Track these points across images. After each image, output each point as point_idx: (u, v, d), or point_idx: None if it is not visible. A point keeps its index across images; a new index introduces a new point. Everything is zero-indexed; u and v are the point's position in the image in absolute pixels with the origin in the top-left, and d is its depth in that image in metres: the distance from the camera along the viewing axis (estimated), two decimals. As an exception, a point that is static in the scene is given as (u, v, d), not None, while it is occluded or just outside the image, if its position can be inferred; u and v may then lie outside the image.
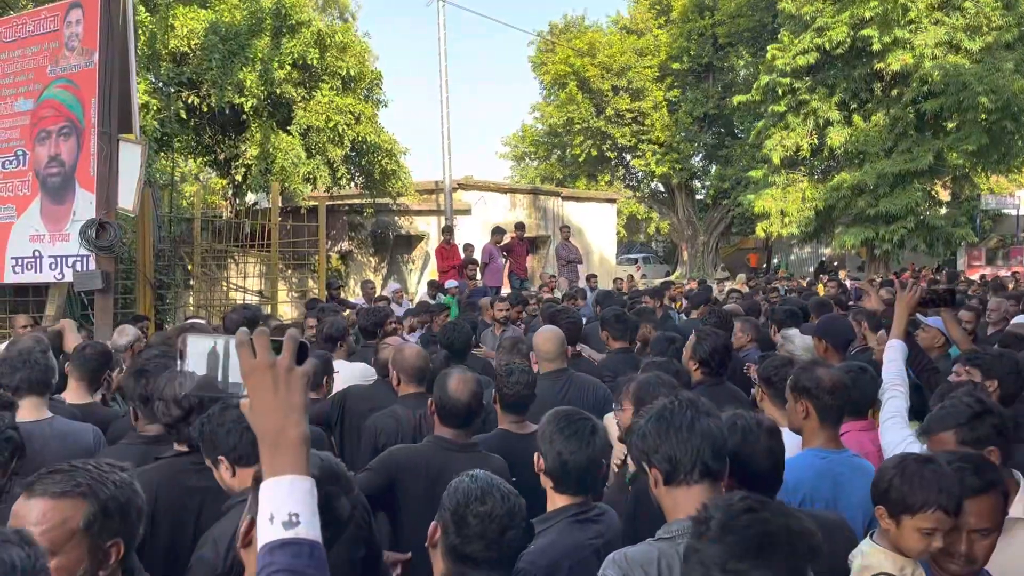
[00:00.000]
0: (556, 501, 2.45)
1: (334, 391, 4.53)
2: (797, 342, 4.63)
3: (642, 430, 2.08)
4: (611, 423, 3.34)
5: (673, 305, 10.82)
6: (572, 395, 4.08)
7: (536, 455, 2.48)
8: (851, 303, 7.21)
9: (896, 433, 3.01)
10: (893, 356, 3.34)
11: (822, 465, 2.82)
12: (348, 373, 4.90)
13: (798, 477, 2.73)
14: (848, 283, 15.46)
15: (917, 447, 2.89)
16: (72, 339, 4.99)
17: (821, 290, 13.11)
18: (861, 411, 3.41)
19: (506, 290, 13.25)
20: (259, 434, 1.24)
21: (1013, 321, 5.97)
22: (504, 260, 13.98)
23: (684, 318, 9.15)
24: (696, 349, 4.05)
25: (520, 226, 14.50)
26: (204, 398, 2.48)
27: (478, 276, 12.89)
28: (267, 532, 1.22)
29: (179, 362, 1.35)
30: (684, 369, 3.87)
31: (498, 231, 13.80)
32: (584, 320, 7.86)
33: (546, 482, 2.46)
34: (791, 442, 3.05)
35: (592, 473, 2.46)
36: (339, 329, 5.43)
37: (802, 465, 2.80)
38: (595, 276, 14.60)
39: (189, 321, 6.59)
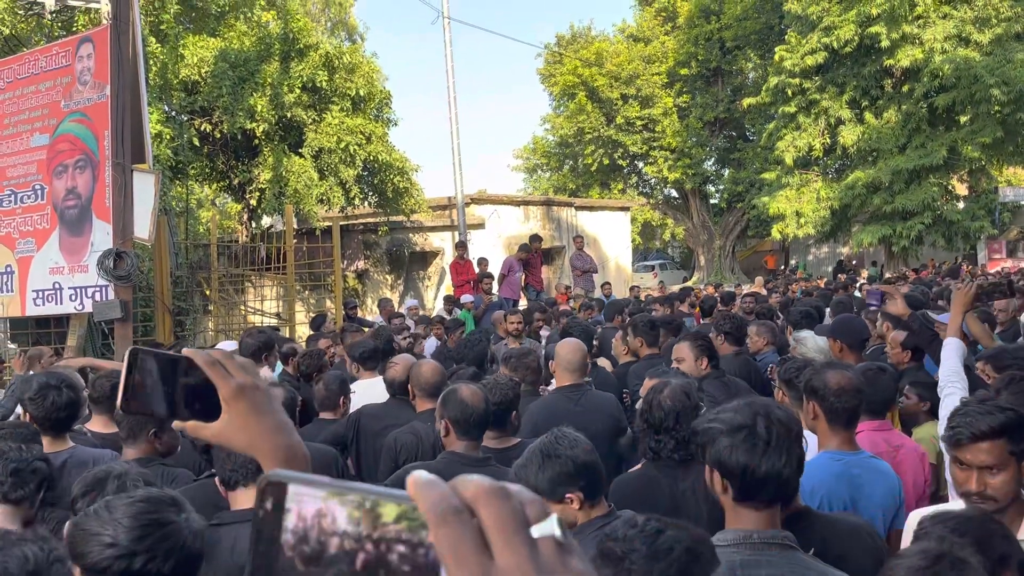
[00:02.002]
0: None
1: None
2: (810, 344, 4.61)
3: None
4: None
5: (692, 312, 10.77)
6: (587, 408, 4.07)
7: (567, 498, 2.46)
8: (872, 305, 7.15)
9: None
10: (950, 354, 3.31)
11: (838, 467, 2.80)
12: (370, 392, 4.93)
13: (815, 480, 2.72)
14: (868, 284, 15.29)
15: None
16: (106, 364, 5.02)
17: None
18: (877, 411, 3.37)
19: (523, 303, 13.25)
20: (266, 453, 1.15)
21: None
22: (521, 274, 14.00)
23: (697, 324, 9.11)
24: (699, 348, 4.23)
25: (536, 238, 14.53)
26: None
27: (494, 289, 12.88)
28: None
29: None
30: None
31: (524, 247, 13.75)
32: (599, 329, 7.86)
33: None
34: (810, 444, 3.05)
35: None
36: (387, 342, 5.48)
37: (818, 468, 2.78)
38: (609, 284, 14.58)
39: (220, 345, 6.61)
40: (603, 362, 5.93)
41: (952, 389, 3.15)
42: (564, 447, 2.37)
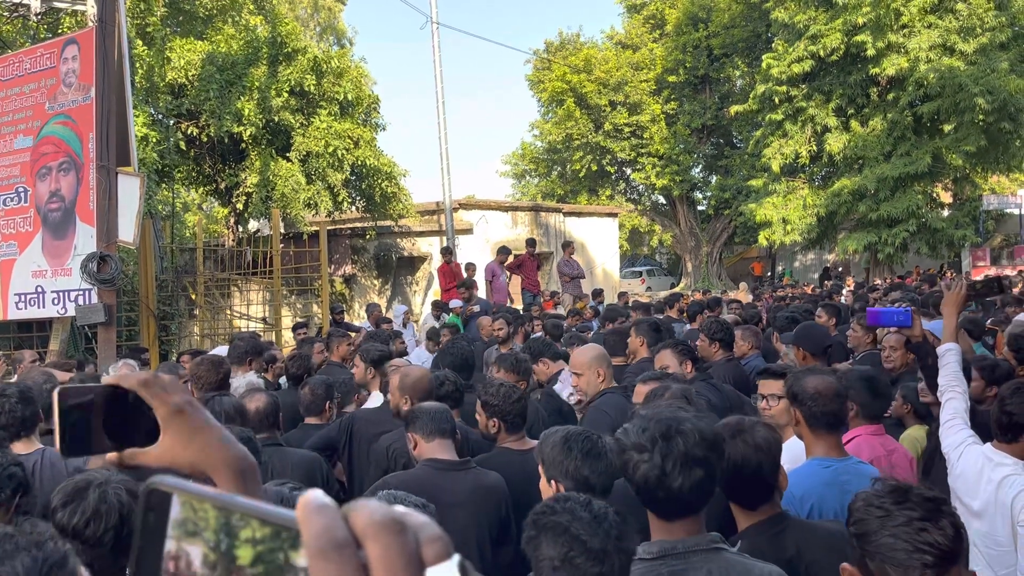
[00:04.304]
0: None
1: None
2: (800, 349, 4.65)
3: None
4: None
5: (682, 317, 10.79)
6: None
7: (552, 481, 2.45)
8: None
9: (956, 435, 3.00)
10: (949, 359, 3.28)
11: (827, 474, 2.79)
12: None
13: (805, 487, 2.73)
14: (846, 292, 15.35)
15: (977, 448, 2.88)
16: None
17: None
18: (874, 415, 3.41)
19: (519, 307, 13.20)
20: (218, 467, 1.09)
21: (1016, 319, 5.95)
22: (507, 277, 13.99)
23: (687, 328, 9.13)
24: (681, 352, 4.24)
25: (531, 242, 14.58)
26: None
27: (477, 295, 12.80)
28: None
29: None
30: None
31: (503, 250, 13.77)
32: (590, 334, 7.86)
33: None
34: (795, 452, 3.05)
35: (607, 493, 2.46)
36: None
37: (807, 475, 2.79)
38: (602, 290, 14.59)
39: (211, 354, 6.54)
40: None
41: (953, 394, 3.14)
42: (580, 449, 2.39)
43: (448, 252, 14.12)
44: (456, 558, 0.45)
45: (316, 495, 0.46)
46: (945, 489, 3.30)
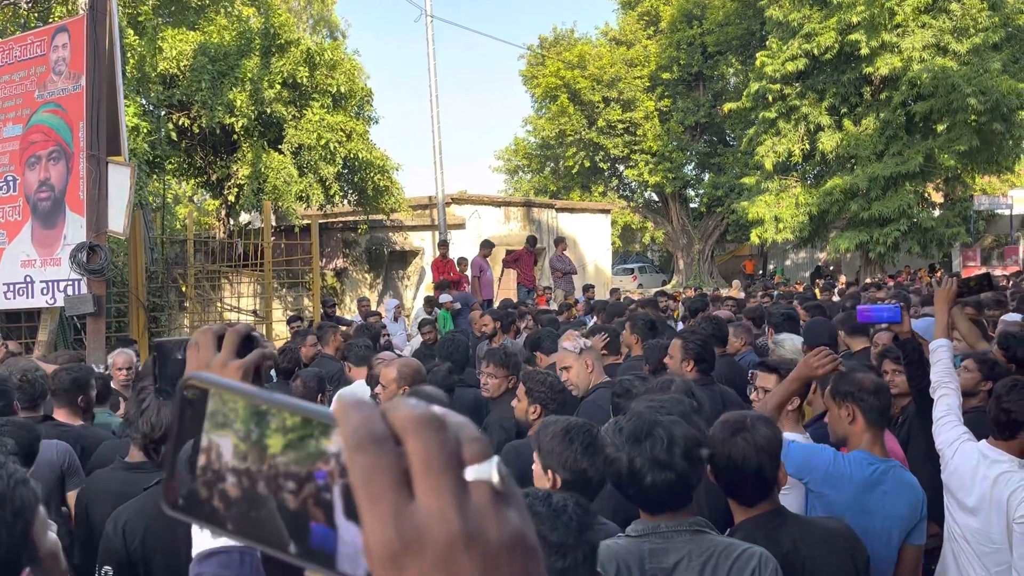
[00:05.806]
0: None
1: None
2: (788, 346, 4.65)
3: None
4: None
5: (672, 314, 10.81)
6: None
7: (548, 472, 2.43)
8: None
9: (950, 432, 3.01)
10: (941, 355, 3.29)
11: (867, 473, 2.80)
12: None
13: (840, 475, 2.76)
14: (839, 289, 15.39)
15: (972, 445, 2.89)
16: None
17: (818, 295, 13.10)
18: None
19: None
20: None
21: (1004, 318, 5.97)
22: (500, 272, 14.00)
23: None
24: (687, 349, 4.13)
25: (532, 240, 14.59)
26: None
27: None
28: (198, 541, 1.20)
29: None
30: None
31: (486, 244, 13.78)
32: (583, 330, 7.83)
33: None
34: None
35: (603, 485, 2.45)
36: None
37: (851, 465, 2.80)
38: (592, 287, 14.58)
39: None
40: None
41: (946, 390, 3.14)
42: (582, 442, 2.40)
43: (445, 245, 14.09)
44: (495, 458, 0.45)
45: (352, 392, 0.46)
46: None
